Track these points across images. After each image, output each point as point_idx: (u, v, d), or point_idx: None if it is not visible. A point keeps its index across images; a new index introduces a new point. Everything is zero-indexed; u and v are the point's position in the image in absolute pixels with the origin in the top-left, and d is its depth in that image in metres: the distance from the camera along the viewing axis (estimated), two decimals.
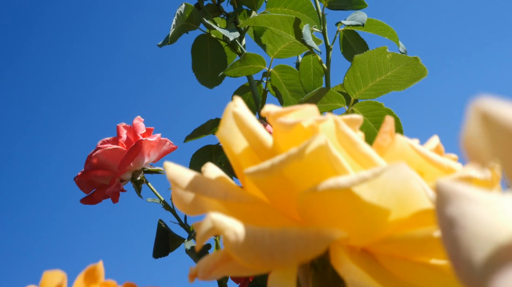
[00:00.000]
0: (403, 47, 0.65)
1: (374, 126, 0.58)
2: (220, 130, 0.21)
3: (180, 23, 0.79)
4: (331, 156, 0.18)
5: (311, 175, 0.18)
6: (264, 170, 0.18)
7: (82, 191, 0.66)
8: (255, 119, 0.21)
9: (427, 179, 0.20)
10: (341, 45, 0.67)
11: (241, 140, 0.21)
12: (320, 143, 0.17)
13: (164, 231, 0.64)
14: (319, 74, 0.63)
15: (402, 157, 0.20)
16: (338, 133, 0.19)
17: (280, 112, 0.20)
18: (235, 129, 0.21)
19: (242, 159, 0.21)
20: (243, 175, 0.22)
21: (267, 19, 0.59)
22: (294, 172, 0.18)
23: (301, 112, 0.20)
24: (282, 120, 0.20)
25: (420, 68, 0.51)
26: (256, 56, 0.75)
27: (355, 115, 0.22)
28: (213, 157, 0.83)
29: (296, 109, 0.20)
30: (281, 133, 0.20)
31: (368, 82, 0.55)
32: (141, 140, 0.62)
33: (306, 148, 0.17)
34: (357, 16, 0.59)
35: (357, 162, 0.19)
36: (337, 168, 0.18)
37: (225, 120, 0.21)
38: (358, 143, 0.18)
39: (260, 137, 0.20)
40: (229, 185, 0.21)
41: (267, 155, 0.20)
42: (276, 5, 0.84)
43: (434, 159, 0.20)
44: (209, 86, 0.83)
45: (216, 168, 0.24)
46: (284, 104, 0.79)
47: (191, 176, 0.21)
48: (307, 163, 0.18)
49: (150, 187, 0.66)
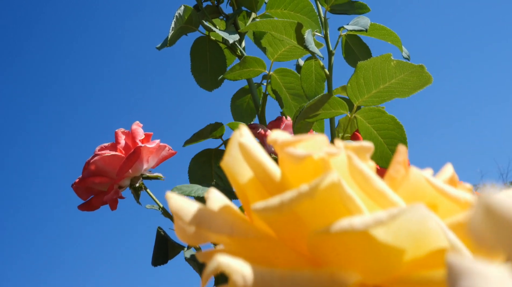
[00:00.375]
0: (406, 52, 0.64)
1: (377, 133, 0.57)
2: (225, 158, 0.20)
3: (179, 25, 0.77)
4: (344, 195, 0.17)
5: (322, 213, 0.17)
6: (273, 207, 0.17)
7: (79, 198, 0.65)
8: (262, 150, 0.20)
9: (443, 212, 0.19)
10: (344, 50, 0.66)
11: (246, 169, 0.20)
12: (333, 181, 0.16)
13: (163, 239, 0.63)
14: (321, 79, 0.62)
15: (417, 190, 0.19)
16: (351, 168, 0.18)
17: (289, 141, 0.19)
18: (240, 158, 0.20)
19: (248, 189, 0.20)
20: (249, 206, 0.21)
21: (269, 24, 0.57)
22: (304, 210, 0.17)
23: (311, 142, 0.19)
24: (291, 152, 0.19)
25: (425, 76, 0.50)
26: (256, 59, 0.74)
27: (365, 142, 0.21)
28: (212, 160, 0.82)
29: (305, 139, 0.19)
30: (289, 164, 0.19)
31: (371, 89, 0.54)
32: (139, 147, 0.61)
33: (318, 187, 0.16)
34: (360, 21, 0.58)
35: (371, 199, 0.18)
36: (351, 207, 0.17)
37: (230, 149, 0.20)
38: (371, 179, 0.17)
39: (268, 170, 0.19)
40: (235, 218, 0.20)
41: (275, 188, 0.19)
42: (276, 7, 0.83)
43: (451, 194, 0.19)
44: (208, 89, 0.82)
45: (220, 195, 0.23)
46: (284, 107, 0.78)
47: (195, 209, 0.20)
48: (318, 201, 0.17)
49: (149, 193, 0.65)
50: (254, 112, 0.86)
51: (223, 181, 0.82)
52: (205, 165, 0.81)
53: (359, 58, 0.65)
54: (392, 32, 0.61)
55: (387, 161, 0.57)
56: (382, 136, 0.57)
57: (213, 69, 0.82)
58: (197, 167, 0.82)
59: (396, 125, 0.56)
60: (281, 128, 0.67)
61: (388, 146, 0.57)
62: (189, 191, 0.63)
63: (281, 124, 0.67)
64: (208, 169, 0.82)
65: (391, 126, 0.57)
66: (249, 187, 0.20)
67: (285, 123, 0.67)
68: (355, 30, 0.56)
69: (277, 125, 0.68)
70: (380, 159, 0.57)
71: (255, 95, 0.82)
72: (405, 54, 0.64)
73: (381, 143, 0.57)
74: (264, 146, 0.69)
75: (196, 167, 0.82)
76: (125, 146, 0.63)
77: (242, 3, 0.84)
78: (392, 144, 0.57)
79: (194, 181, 0.81)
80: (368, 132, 0.58)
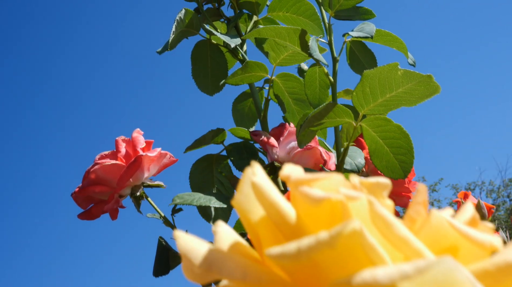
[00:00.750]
0: (412, 58, 0.62)
1: (383, 142, 0.56)
2: (236, 197, 0.19)
3: (180, 29, 0.76)
4: (366, 244, 0.16)
5: (342, 262, 0.16)
6: (290, 255, 0.16)
7: (79, 207, 0.64)
8: (276, 189, 0.19)
9: (466, 256, 0.18)
10: (348, 56, 0.64)
11: (258, 207, 0.19)
12: (355, 229, 0.15)
13: (165, 249, 0.62)
14: (325, 86, 0.61)
15: (439, 234, 0.18)
16: (372, 214, 0.17)
17: (304, 180, 0.18)
18: (253, 197, 0.19)
19: (260, 228, 0.19)
20: (261, 246, 0.20)
21: (272, 31, 0.56)
22: (323, 258, 0.16)
23: (327, 182, 0.18)
24: (307, 192, 0.18)
25: (433, 85, 0.49)
26: (258, 64, 0.73)
27: (381, 178, 0.19)
28: (213, 166, 0.81)
29: (322, 178, 0.18)
30: (304, 205, 0.18)
31: (377, 98, 0.52)
32: (140, 155, 0.60)
33: (338, 235, 0.15)
34: (365, 28, 0.57)
35: (394, 247, 0.17)
36: (373, 257, 0.16)
37: (242, 187, 0.19)
38: (394, 225, 0.16)
39: (282, 211, 0.18)
40: (247, 260, 0.19)
41: (291, 232, 0.18)
42: (278, 10, 0.81)
43: (475, 238, 0.18)
44: (209, 93, 0.81)
45: (228, 229, 0.22)
46: (286, 112, 0.77)
47: (205, 251, 0.19)
48: (338, 249, 0.16)
49: (150, 202, 0.64)
50: (255, 116, 0.85)
51: (224, 186, 0.81)
52: (206, 170, 0.80)
53: (364, 64, 0.64)
54: (398, 38, 0.60)
55: (393, 170, 0.56)
56: (388, 145, 0.56)
57: (214, 73, 0.81)
58: (198, 173, 0.81)
59: (402, 134, 0.55)
60: (284, 135, 0.66)
61: (395, 156, 0.56)
62: (191, 200, 0.62)
63: (284, 131, 0.66)
64: (209, 174, 0.81)
65: (397, 135, 0.55)
66: (262, 227, 0.19)
67: (288, 130, 0.66)
68: (361, 37, 0.55)
69: (280, 132, 0.67)
70: (386, 169, 0.56)
71: (256, 99, 0.81)
72: (410, 60, 0.62)
73: (387, 152, 0.56)
74: (267, 152, 0.68)
75: (197, 173, 0.81)
76: (126, 154, 0.62)
77: (243, 6, 0.83)
78: (398, 153, 0.56)
79: (195, 186, 0.80)
80: (373, 141, 0.57)
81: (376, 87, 0.52)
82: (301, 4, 0.78)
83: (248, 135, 0.77)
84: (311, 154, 0.64)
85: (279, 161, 0.66)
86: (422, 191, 0.19)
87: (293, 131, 0.66)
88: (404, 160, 0.55)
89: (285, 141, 0.66)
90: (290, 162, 0.67)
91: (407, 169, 0.55)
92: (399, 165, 0.56)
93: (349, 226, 0.16)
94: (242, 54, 0.80)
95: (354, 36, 0.56)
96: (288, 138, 0.66)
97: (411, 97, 0.52)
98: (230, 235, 0.21)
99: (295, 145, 0.65)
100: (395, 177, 0.56)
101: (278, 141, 0.66)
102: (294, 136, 0.66)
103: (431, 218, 0.18)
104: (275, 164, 0.66)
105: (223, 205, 0.62)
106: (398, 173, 0.56)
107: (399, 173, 0.56)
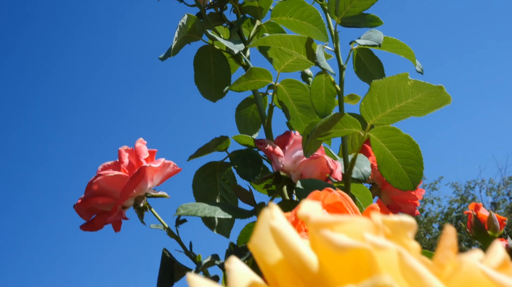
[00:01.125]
0: (420, 65, 0.61)
1: (392, 152, 0.55)
2: (253, 239, 0.18)
3: (183, 35, 0.75)
4: None
5: None
6: None
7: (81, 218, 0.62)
8: (295, 233, 0.18)
9: None
10: (355, 64, 0.63)
11: (276, 250, 0.18)
12: (385, 285, 0.14)
13: (169, 261, 0.61)
14: (331, 95, 0.60)
15: (471, 283, 0.17)
16: (402, 266, 0.15)
17: (325, 222, 0.17)
18: (270, 240, 0.18)
19: (278, 273, 0.18)
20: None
21: (278, 39, 0.55)
22: None
23: (351, 226, 0.17)
24: (330, 238, 0.16)
25: (444, 96, 0.48)
26: (262, 71, 0.72)
27: (405, 217, 0.18)
28: (217, 173, 0.80)
29: (345, 222, 0.17)
30: (326, 250, 0.17)
31: (386, 108, 0.51)
32: (144, 166, 0.59)
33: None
34: (372, 35, 0.56)
35: None
36: None
37: (259, 230, 0.18)
38: (426, 278, 0.15)
39: (304, 259, 0.17)
40: None
41: (313, 280, 0.17)
42: (281, 14, 0.80)
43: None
44: (212, 100, 0.80)
45: (244, 268, 0.20)
46: (291, 119, 0.76)
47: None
48: None
49: (153, 213, 0.63)
50: (259, 122, 0.84)
51: (228, 194, 0.80)
52: (209, 178, 0.79)
53: (371, 72, 0.63)
54: (405, 45, 0.59)
55: (402, 181, 0.55)
56: (397, 156, 0.55)
57: (217, 79, 0.80)
58: (201, 180, 0.79)
59: (411, 144, 0.54)
60: (289, 143, 0.65)
61: (403, 166, 0.55)
62: (195, 211, 0.61)
63: (289, 140, 0.65)
64: (212, 182, 0.79)
65: (406, 145, 0.54)
66: (280, 271, 0.18)
67: (294, 139, 0.65)
68: (369, 45, 0.54)
69: (285, 140, 0.66)
70: (395, 180, 0.55)
71: (260, 105, 0.80)
72: (418, 68, 0.61)
73: (395, 163, 0.55)
74: (272, 161, 0.67)
75: (201, 180, 0.80)
76: (129, 165, 0.60)
77: (246, 11, 0.82)
78: (407, 164, 0.55)
79: (199, 194, 0.79)
80: (382, 151, 0.56)
81: (385, 97, 0.50)
82: (305, 8, 0.77)
83: (252, 142, 0.75)
84: (317, 163, 0.63)
85: (285, 170, 0.65)
86: (450, 234, 0.18)
87: (299, 139, 0.65)
88: (413, 171, 0.54)
89: (291, 150, 0.65)
90: (296, 171, 0.66)
91: (416, 180, 0.54)
92: (408, 176, 0.55)
93: (379, 281, 0.14)
94: (245, 60, 0.79)
95: (362, 44, 0.55)
96: (294, 146, 0.65)
97: (421, 107, 0.50)
98: (246, 276, 0.20)
99: (301, 154, 0.64)
100: (404, 189, 0.55)
101: (284, 149, 0.65)
102: (299, 145, 0.64)
103: (462, 265, 0.17)
104: (281, 173, 0.65)
105: (228, 216, 0.61)
106: (407, 184, 0.55)
107: (408, 184, 0.55)
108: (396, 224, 0.18)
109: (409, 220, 0.19)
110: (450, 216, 9.47)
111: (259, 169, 0.72)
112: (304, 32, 0.77)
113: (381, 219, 0.18)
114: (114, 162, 0.61)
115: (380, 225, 0.18)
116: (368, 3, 0.56)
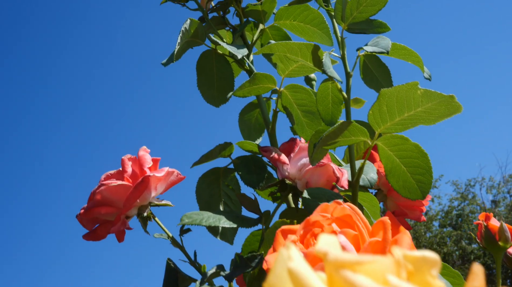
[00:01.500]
0: (428, 72, 0.60)
1: (400, 161, 0.54)
2: (269, 279, 0.17)
3: (185, 40, 0.74)
4: None
5: None
6: None
7: (84, 228, 0.62)
8: (313, 275, 0.17)
9: None
10: (361, 70, 0.62)
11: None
12: None
13: (173, 271, 0.60)
14: (338, 102, 0.59)
15: None
16: None
17: (345, 262, 0.16)
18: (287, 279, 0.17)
19: None
20: None
21: (284, 46, 0.54)
22: None
23: (373, 267, 0.16)
24: (352, 281, 0.15)
25: (455, 105, 0.47)
26: (266, 76, 0.71)
27: (428, 253, 0.17)
28: (220, 179, 0.79)
29: (366, 262, 0.16)
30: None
31: (395, 117, 0.50)
32: (148, 176, 0.58)
33: None
34: (380, 42, 0.55)
35: None
36: None
37: (276, 269, 0.17)
38: None
39: None
40: None
41: None
42: (285, 18, 0.79)
43: None
44: (215, 105, 0.79)
45: None
46: (295, 124, 0.75)
47: None
48: None
49: (157, 222, 0.62)
50: (263, 127, 0.83)
51: (232, 200, 0.79)
52: (213, 184, 0.78)
53: (378, 79, 0.62)
54: (413, 52, 0.58)
55: (411, 191, 0.54)
56: (405, 165, 0.54)
57: (220, 84, 0.79)
58: (205, 186, 0.79)
59: (420, 153, 0.53)
60: (295, 151, 0.64)
61: (412, 175, 0.54)
62: (200, 220, 0.60)
63: (295, 147, 0.64)
64: (216, 188, 0.79)
65: (414, 154, 0.53)
66: None
67: (299, 146, 0.64)
68: (376, 52, 0.53)
69: (291, 147, 0.65)
70: (403, 189, 0.54)
71: (264, 110, 0.79)
72: (426, 74, 0.60)
73: (404, 172, 0.54)
74: (277, 169, 0.66)
75: (204, 186, 0.79)
76: (132, 174, 0.59)
77: (249, 14, 0.80)
78: (416, 173, 0.54)
79: (202, 201, 0.78)
80: (390, 160, 0.55)
81: (393, 106, 0.50)
82: (309, 12, 0.76)
83: (256, 148, 0.75)
84: (324, 171, 0.62)
85: (290, 178, 0.64)
86: (478, 273, 0.17)
87: (304, 147, 0.64)
88: (422, 180, 0.53)
89: (296, 157, 0.64)
90: (302, 179, 0.65)
91: (425, 189, 0.53)
92: (416, 185, 0.54)
93: None
94: (249, 64, 0.78)
95: (370, 51, 0.54)
96: (299, 154, 0.64)
97: (430, 116, 0.50)
98: None
99: (306, 161, 0.63)
100: (413, 198, 0.54)
101: (289, 157, 0.64)
102: (305, 152, 0.63)
103: None
104: (286, 181, 0.64)
105: (233, 225, 0.60)
106: (415, 193, 0.54)
107: (416, 193, 0.54)
108: (419, 261, 0.17)
109: (432, 256, 0.18)
110: (451, 214, 9.48)
111: (263, 175, 0.71)
112: (308, 36, 0.76)
113: (402, 255, 0.17)
114: (117, 171, 0.60)
115: (402, 263, 0.17)
116: (375, 9, 0.55)
